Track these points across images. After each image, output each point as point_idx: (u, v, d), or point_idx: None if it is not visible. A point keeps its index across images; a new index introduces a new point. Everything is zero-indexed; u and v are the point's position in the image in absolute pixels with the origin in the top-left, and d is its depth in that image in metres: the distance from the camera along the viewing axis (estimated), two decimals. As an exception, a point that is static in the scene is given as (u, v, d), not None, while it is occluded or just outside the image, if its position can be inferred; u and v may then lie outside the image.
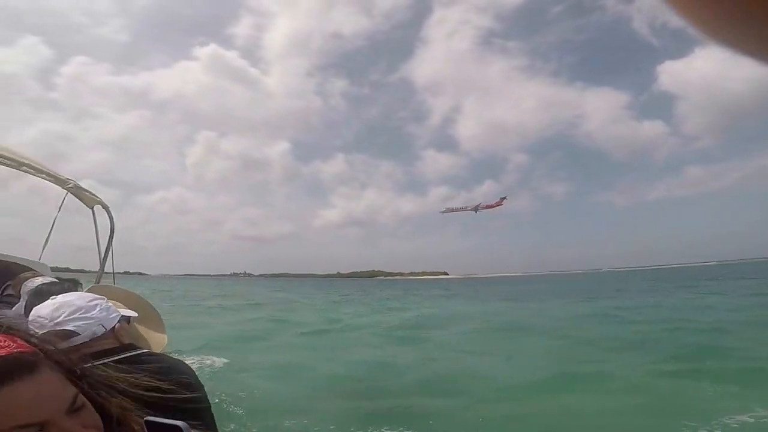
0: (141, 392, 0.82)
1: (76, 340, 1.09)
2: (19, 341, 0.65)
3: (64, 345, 0.96)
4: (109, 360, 1.05)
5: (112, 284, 1.91)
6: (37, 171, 3.02)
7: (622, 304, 18.79)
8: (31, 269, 4.06)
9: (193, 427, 0.71)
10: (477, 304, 24.54)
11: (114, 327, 1.20)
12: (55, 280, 2.81)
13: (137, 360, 1.13)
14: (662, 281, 43.31)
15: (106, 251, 3.62)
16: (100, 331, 1.15)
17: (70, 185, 3.17)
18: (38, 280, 2.73)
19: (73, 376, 0.70)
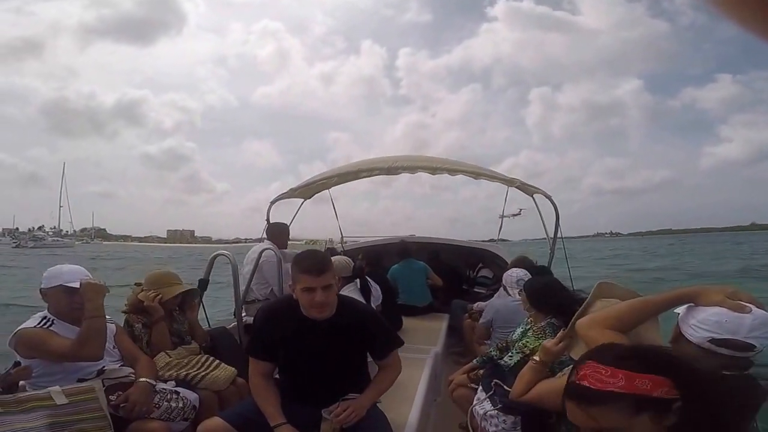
0: None
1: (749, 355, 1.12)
2: None
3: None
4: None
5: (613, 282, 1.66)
6: (491, 177, 3.72)
7: None
8: (499, 255, 4.95)
9: None
10: None
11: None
12: (526, 272, 3.12)
13: None
14: None
15: (555, 234, 4.02)
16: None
17: (516, 183, 3.86)
18: (518, 273, 3.11)
19: None
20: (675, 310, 1.24)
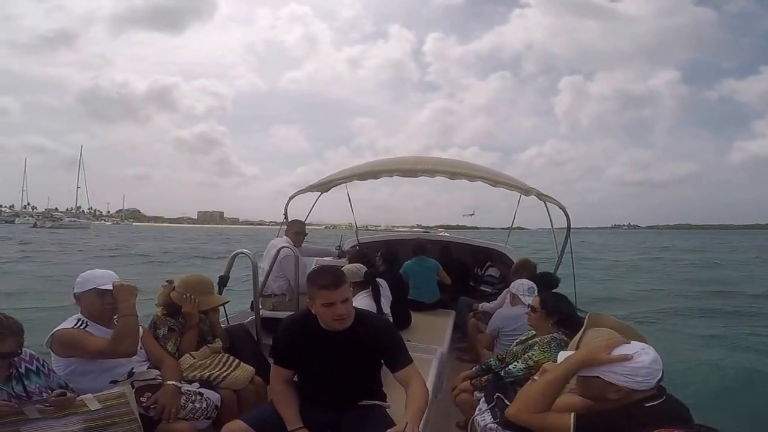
0: None
1: (637, 395, 1.32)
2: None
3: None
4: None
5: (605, 314, 1.84)
6: (509, 186, 3.74)
7: None
8: (507, 255, 5.05)
9: None
10: None
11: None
12: (530, 280, 3.17)
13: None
14: None
15: (564, 243, 4.11)
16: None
17: (533, 193, 3.92)
18: (529, 282, 3.14)
19: None
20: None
